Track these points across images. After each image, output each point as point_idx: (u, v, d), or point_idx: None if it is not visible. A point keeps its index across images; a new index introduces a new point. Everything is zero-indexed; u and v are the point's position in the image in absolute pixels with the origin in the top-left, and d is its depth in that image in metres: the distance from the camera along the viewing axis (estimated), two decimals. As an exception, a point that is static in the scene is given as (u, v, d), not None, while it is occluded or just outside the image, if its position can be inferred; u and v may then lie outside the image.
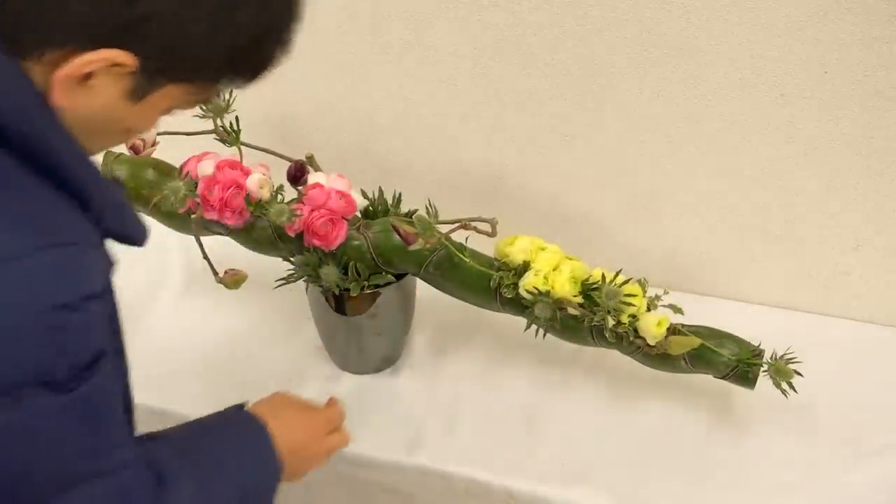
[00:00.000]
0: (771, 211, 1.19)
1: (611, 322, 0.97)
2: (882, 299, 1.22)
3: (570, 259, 1.01)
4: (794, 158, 1.13)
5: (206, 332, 1.12)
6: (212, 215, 0.99)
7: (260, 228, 1.05)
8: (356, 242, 1.04)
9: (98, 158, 1.08)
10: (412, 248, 1.02)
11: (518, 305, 1.02)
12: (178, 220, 1.06)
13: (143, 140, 1.01)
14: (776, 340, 1.01)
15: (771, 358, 0.99)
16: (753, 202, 1.19)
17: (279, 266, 1.09)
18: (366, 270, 1.05)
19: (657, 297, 1.00)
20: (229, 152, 1.03)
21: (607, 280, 0.98)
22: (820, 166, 1.13)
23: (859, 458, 1.05)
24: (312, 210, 1.01)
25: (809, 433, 1.08)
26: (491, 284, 1.02)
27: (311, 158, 1.08)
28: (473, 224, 0.99)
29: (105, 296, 0.65)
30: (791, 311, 1.26)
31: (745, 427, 1.08)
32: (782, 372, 0.97)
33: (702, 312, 1.04)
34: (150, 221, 1.09)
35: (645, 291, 0.99)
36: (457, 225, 1.00)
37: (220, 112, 1.01)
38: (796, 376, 0.98)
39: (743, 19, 1.04)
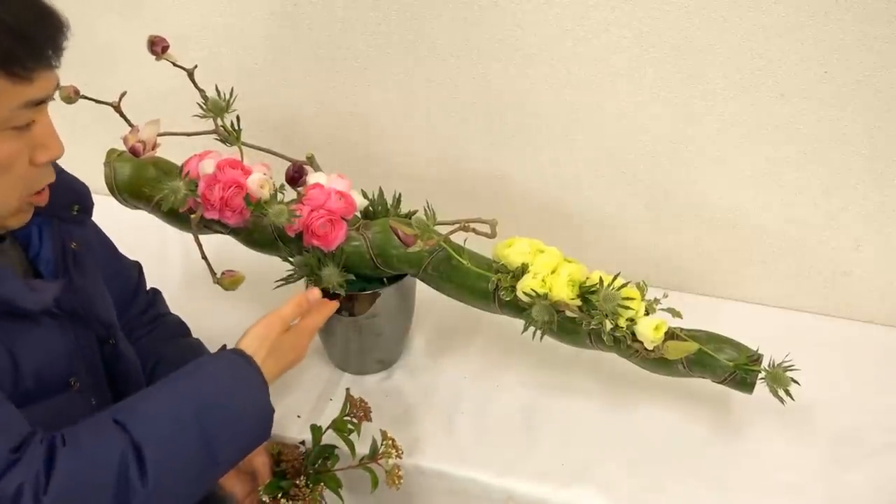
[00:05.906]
0: (771, 211, 1.19)
1: (608, 325, 0.97)
2: (882, 299, 1.22)
3: (569, 262, 1.01)
4: (794, 158, 1.13)
5: (206, 332, 1.11)
6: (212, 214, 0.99)
7: (260, 228, 1.05)
8: (356, 243, 1.04)
9: (102, 163, 1.08)
10: (411, 249, 1.02)
11: (516, 308, 1.02)
12: (179, 218, 1.06)
13: (143, 142, 1.00)
14: (776, 341, 1.00)
15: (769, 365, 0.98)
16: (754, 202, 1.19)
17: (279, 266, 1.09)
18: (366, 271, 1.05)
19: (656, 301, 0.99)
20: (230, 152, 1.03)
21: (605, 283, 0.97)
22: (820, 166, 1.13)
23: (859, 458, 1.05)
24: (312, 210, 1.00)
25: (809, 433, 1.08)
26: (489, 287, 1.02)
27: (311, 158, 1.07)
28: (473, 225, 0.99)
29: None
30: (791, 311, 1.26)
31: (744, 426, 1.09)
32: (779, 379, 0.96)
33: (702, 313, 1.04)
34: (150, 220, 1.11)
35: (644, 294, 0.99)
36: (456, 226, 1.00)
37: (220, 112, 1.01)
38: (796, 376, 0.97)
39: (743, 19, 1.04)
